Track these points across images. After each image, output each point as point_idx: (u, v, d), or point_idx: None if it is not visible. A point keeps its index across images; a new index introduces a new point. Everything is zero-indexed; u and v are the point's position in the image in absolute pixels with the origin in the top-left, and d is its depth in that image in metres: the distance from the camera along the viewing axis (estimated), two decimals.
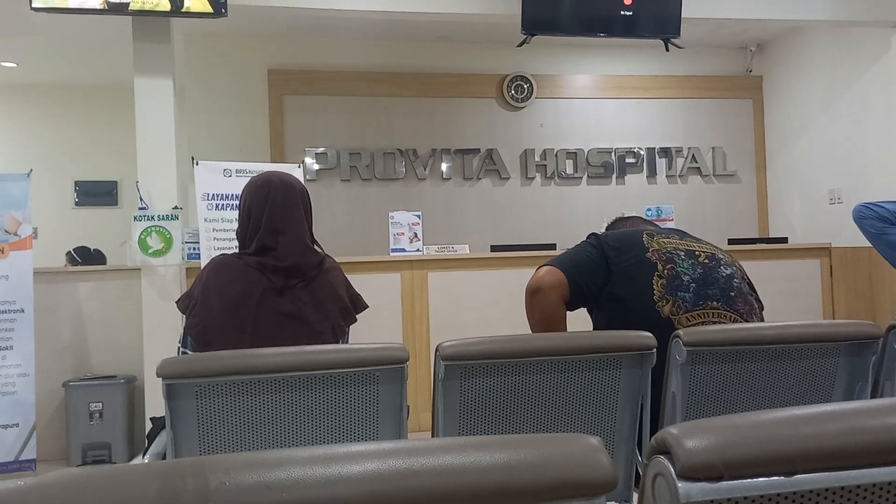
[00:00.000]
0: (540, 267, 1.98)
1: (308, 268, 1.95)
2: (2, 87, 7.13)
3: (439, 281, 4.63)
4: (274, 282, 1.90)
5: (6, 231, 4.02)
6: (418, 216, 4.78)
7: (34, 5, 3.79)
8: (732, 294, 1.90)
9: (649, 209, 5.35)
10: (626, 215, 2.44)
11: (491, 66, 6.41)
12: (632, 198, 6.47)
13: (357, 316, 2.06)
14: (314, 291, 1.94)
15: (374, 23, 5.35)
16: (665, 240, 1.98)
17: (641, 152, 6.64)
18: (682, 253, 1.94)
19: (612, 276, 1.92)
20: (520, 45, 4.55)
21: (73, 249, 5.71)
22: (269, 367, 1.55)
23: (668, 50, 4.63)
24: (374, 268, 4.55)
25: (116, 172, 7.07)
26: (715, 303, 1.87)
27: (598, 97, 6.62)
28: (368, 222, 6.03)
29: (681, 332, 1.68)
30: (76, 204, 7.23)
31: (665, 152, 6.68)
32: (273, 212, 1.95)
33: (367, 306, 2.07)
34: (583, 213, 6.37)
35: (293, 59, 6.14)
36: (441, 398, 1.61)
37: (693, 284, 1.88)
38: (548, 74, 6.52)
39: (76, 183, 7.21)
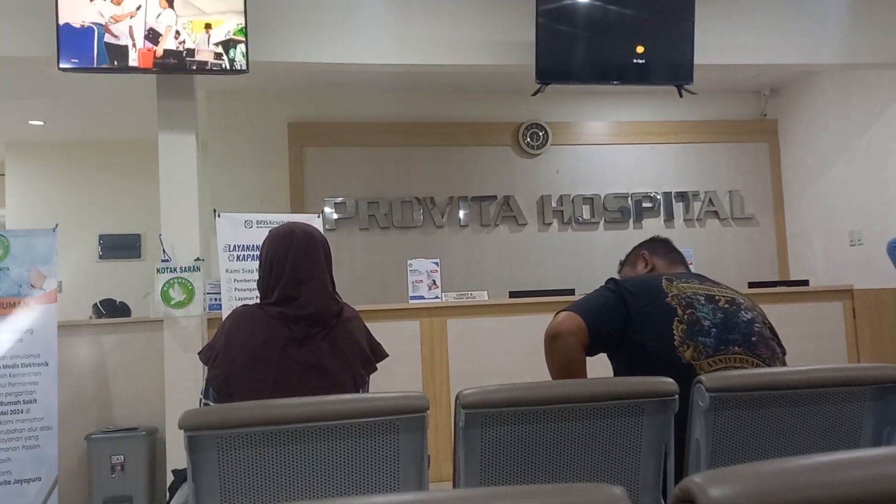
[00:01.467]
0: (558, 312, 1.97)
1: (329, 317, 1.97)
2: (29, 145, 7.34)
3: (458, 328, 4.62)
4: (295, 331, 1.91)
5: (31, 286, 4.08)
6: (437, 263, 4.80)
7: (61, 66, 3.92)
8: (754, 339, 1.89)
9: None
10: (660, 237, 2.41)
11: (506, 114, 6.50)
12: None
13: (377, 365, 2.06)
14: (335, 341, 1.95)
15: (390, 75, 5.47)
16: (684, 284, 1.97)
17: (658, 197, 6.65)
18: (702, 297, 1.93)
19: (632, 321, 1.91)
20: (534, 94, 4.63)
21: (100, 302, 5.78)
22: (289, 418, 1.55)
23: (681, 96, 4.68)
24: (393, 315, 4.56)
25: (140, 225, 7.19)
26: (736, 347, 1.85)
27: (613, 143, 6.67)
28: (387, 270, 6.07)
29: (703, 377, 1.66)
30: (100, 257, 7.35)
31: (682, 196, 6.69)
32: (296, 262, 1.97)
33: (388, 355, 2.08)
34: (601, 258, 6.36)
35: (312, 112, 6.27)
36: (462, 447, 1.60)
37: (714, 329, 1.87)
38: (562, 122, 6.60)
39: (100, 237, 7.34)
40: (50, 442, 3.95)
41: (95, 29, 3.93)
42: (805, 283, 5.48)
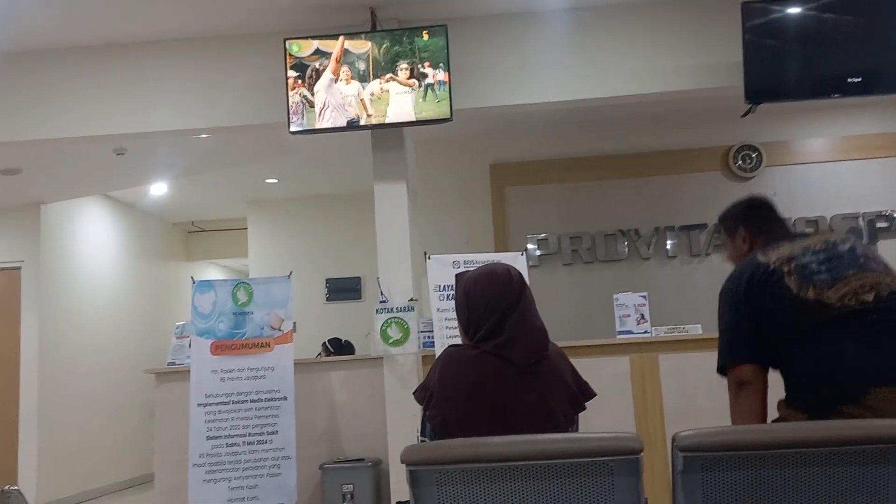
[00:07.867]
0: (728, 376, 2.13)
1: (540, 353, 1.99)
2: (267, 201, 8.28)
3: (671, 364, 4.44)
4: (507, 370, 1.96)
5: (272, 328, 4.56)
6: (644, 297, 4.66)
7: (292, 130, 4.39)
8: (861, 260, 1.98)
9: None
10: (757, 200, 2.33)
11: (712, 138, 6.22)
12: None
13: (585, 404, 2.05)
14: (544, 378, 1.97)
15: (587, 110, 5.45)
16: (776, 251, 2.07)
17: (895, 215, 5.96)
18: (798, 250, 2.04)
19: (761, 310, 2.02)
20: (744, 115, 4.39)
21: (328, 341, 6.29)
22: (502, 456, 1.59)
23: None
24: (602, 351, 4.49)
25: (360, 269, 7.78)
26: (850, 271, 1.95)
27: (837, 160, 6.12)
28: (593, 306, 5.98)
29: None
30: (327, 299, 8.04)
31: None
32: (509, 299, 2.02)
33: (595, 394, 2.05)
34: None
35: (512, 153, 6.44)
36: (681, 493, 1.54)
37: (822, 266, 1.97)
38: (777, 141, 6.19)
39: (326, 280, 8.04)
40: (290, 471, 4.35)
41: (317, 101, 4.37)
42: None
